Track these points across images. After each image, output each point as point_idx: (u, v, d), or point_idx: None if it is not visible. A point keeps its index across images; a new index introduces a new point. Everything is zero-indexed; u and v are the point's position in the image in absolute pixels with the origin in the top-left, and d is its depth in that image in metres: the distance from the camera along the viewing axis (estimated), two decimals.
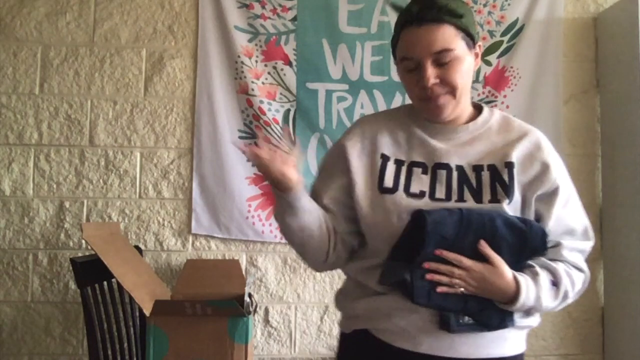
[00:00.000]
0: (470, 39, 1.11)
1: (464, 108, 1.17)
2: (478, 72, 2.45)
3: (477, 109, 1.22)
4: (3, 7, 2.37)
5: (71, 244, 2.34)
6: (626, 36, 2.31)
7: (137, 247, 2.25)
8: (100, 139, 2.38)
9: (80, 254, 2.12)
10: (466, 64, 1.10)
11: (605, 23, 2.50)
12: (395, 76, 2.40)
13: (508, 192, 1.09)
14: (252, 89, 2.39)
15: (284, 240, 2.38)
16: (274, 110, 2.40)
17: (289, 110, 2.41)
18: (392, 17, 2.44)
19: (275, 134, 2.38)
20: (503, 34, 2.48)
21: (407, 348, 1.10)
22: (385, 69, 2.42)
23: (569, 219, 1.13)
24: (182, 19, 2.43)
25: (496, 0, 2.48)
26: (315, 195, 1.21)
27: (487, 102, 2.45)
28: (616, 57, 2.40)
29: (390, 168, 1.15)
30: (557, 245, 1.12)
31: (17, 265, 2.32)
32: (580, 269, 1.14)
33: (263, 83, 2.40)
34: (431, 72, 1.07)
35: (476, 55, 1.14)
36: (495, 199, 1.09)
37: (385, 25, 2.44)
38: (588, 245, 1.16)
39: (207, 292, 1.76)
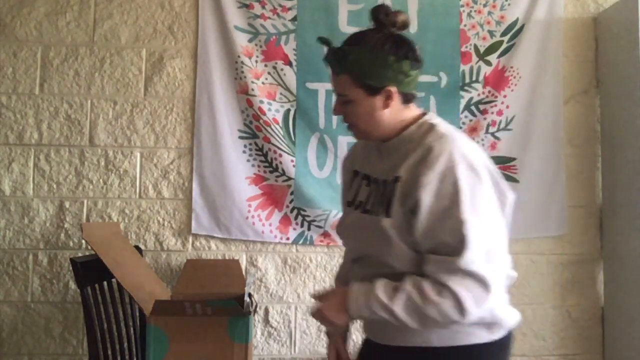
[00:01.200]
0: (370, 86, 1.19)
1: (388, 129, 1.24)
2: (478, 72, 2.45)
3: (417, 118, 1.26)
4: (3, 7, 2.37)
5: (71, 244, 2.34)
6: (626, 36, 2.31)
7: (137, 247, 2.25)
8: (100, 139, 2.38)
9: (80, 254, 2.12)
10: (364, 107, 1.21)
11: (605, 23, 2.50)
12: None
13: (387, 207, 1.18)
14: (252, 89, 2.38)
15: (283, 240, 2.39)
16: (274, 110, 2.40)
17: (289, 110, 2.41)
18: None
19: (276, 133, 2.38)
20: (503, 34, 2.48)
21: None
22: None
23: (439, 232, 1.11)
24: (182, 19, 2.43)
25: (496, 0, 2.48)
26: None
27: (487, 102, 2.45)
28: (616, 57, 2.40)
29: (356, 182, 1.33)
30: (425, 259, 1.13)
31: (17, 265, 2.32)
32: (441, 284, 1.09)
33: (263, 83, 2.40)
34: (336, 106, 1.26)
35: (387, 96, 1.19)
36: (378, 213, 1.20)
37: None
38: (456, 261, 1.08)
39: (207, 292, 1.76)
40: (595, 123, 2.53)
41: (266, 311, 2.39)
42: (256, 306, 1.90)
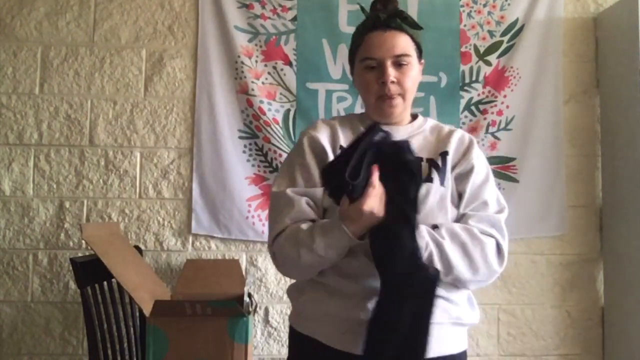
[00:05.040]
0: (419, 51, 1.30)
1: (407, 113, 1.33)
2: (478, 72, 2.45)
3: (413, 117, 1.38)
4: (3, 7, 2.37)
5: (71, 244, 2.34)
6: (626, 36, 2.31)
7: (137, 247, 2.25)
8: (100, 139, 2.38)
9: (80, 254, 2.12)
10: (415, 71, 1.29)
11: (605, 23, 2.50)
12: None
13: (440, 175, 1.24)
14: (252, 89, 2.39)
15: None
16: (274, 110, 2.40)
17: (289, 110, 2.41)
18: None
19: (275, 133, 2.38)
20: (503, 34, 2.48)
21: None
22: None
23: (484, 193, 1.26)
24: (182, 19, 2.43)
25: (496, 0, 2.48)
26: (298, 193, 1.24)
27: (487, 102, 2.45)
28: (616, 57, 2.40)
29: None
30: (464, 215, 1.24)
31: (17, 265, 2.32)
32: (489, 235, 1.21)
33: (263, 83, 2.40)
34: (391, 72, 1.25)
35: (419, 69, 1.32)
36: (429, 179, 1.22)
37: None
38: (500, 216, 1.25)
39: (207, 292, 1.76)
40: (595, 123, 2.52)
41: (266, 311, 2.39)
42: (256, 306, 1.90)
